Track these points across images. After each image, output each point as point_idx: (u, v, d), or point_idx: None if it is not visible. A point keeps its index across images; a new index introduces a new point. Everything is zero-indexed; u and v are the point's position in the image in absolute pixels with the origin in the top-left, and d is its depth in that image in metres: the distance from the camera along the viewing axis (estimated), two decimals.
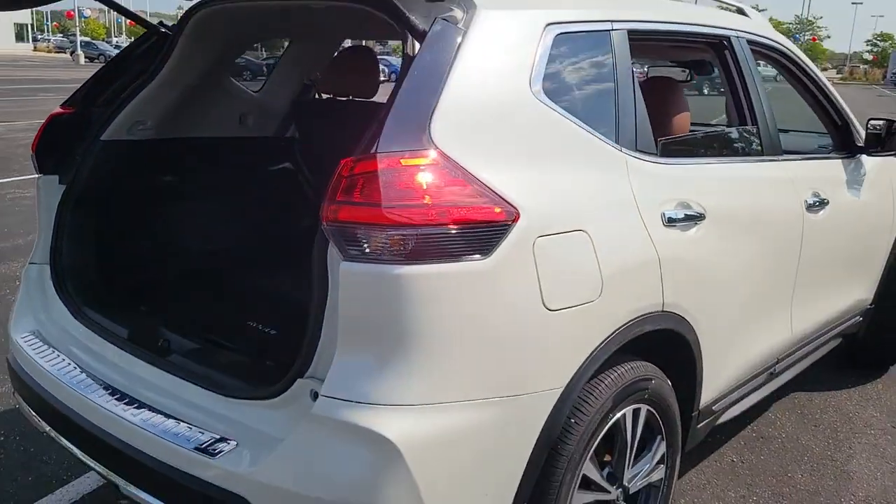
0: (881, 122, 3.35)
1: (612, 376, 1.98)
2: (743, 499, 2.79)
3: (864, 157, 3.37)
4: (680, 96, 2.86)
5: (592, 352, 1.86)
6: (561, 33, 1.99)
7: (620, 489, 2.12)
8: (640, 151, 2.14)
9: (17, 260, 5.35)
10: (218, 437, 1.72)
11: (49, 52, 62.93)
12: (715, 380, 2.44)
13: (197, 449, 1.70)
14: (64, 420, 2.01)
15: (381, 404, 1.57)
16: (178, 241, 2.66)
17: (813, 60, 3.27)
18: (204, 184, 2.73)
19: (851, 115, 3.35)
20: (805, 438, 3.26)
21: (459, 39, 1.75)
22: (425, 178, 1.59)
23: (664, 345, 2.20)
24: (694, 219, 2.22)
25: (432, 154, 1.61)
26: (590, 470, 1.98)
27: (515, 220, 1.68)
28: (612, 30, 2.17)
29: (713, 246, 2.30)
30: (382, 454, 1.55)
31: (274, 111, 3.02)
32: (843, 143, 3.36)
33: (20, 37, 66.90)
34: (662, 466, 2.28)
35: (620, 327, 1.93)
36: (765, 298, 2.67)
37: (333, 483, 1.58)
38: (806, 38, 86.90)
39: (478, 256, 1.63)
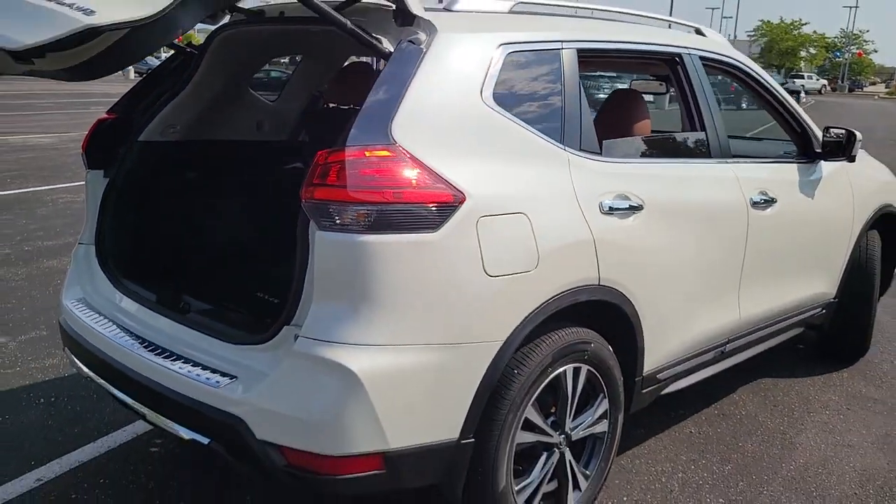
0: (842, 131, 3.70)
1: (552, 337, 2.37)
2: (693, 462, 3.14)
3: (822, 163, 3.72)
4: (641, 106, 3.26)
5: (529, 313, 2.25)
6: (513, 51, 2.41)
7: (563, 435, 2.50)
8: (584, 151, 2.53)
9: (66, 256, 5.91)
10: (222, 373, 2.16)
11: None
12: (656, 350, 2.81)
13: (206, 382, 2.14)
14: (103, 365, 2.47)
15: (347, 343, 1.99)
16: (200, 226, 3.12)
17: (859, 74, 3.61)
18: (224, 179, 3.19)
19: (810, 124, 3.69)
20: (762, 416, 3.60)
21: (420, 57, 2.18)
22: (384, 166, 2.02)
23: (605, 315, 2.58)
24: (632, 209, 2.60)
25: (391, 148, 2.03)
26: (532, 414, 2.38)
27: (462, 202, 2.10)
28: (562, 48, 2.58)
29: (652, 232, 2.68)
30: (347, 383, 1.98)
31: (287, 118, 3.48)
32: (803, 149, 3.71)
33: None
34: (605, 421, 2.66)
35: (556, 295, 2.32)
36: (709, 282, 3.03)
37: (310, 406, 2.01)
38: (852, 52, 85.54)
39: (428, 230, 2.05)
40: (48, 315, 4.54)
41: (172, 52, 3.00)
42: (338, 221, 1.99)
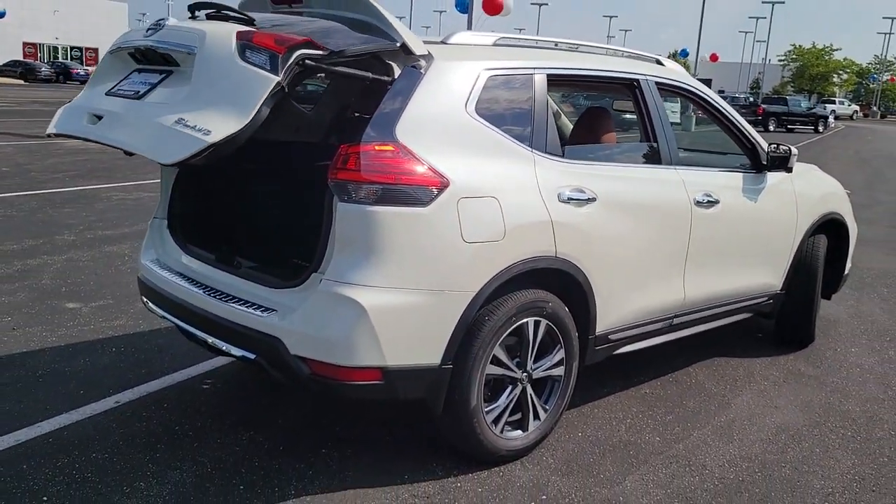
0: (785, 147, 4.41)
1: (517, 294, 3.10)
2: (642, 412, 3.83)
3: (769, 174, 4.42)
4: (607, 121, 4.01)
5: (497, 272, 2.98)
6: (493, 75, 3.16)
7: (526, 373, 3.23)
8: (548, 153, 3.27)
9: (123, 243, 6.77)
10: (265, 308, 2.93)
11: None
12: (607, 315, 3.51)
13: (254, 314, 2.90)
14: (175, 306, 3.25)
15: (358, 285, 2.74)
16: (250, 205, 3.91)
17: (892, 101, 4.30)
18: (270, 170, 3.97)
19: (758, 139, 4.39)
20: (709, 384, 4.28)
21: (420, 78, 2.94)
22: (389, 157, 2.78)
23: (563, 282, 3.30)
24: (587, 200, 3.32)
25: (395, 144, 2.79)
26: (500, 353, 3.11)
27: (446, 186, 2.85)
28: (534, 73, 3.32)
29: (603, 219, 3.39)
30: (357, 312, 2.73)
31: (320, 125, 4.25)
32: (752, 161, 4.41)
33: None
34: (562, 367, 3.37)
35: (519, 261, 3.04)
36: (654, 263, 3.73)
37: (329, 329, 2.76)
38: (885, 78, 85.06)
39: (421, 205, 2.80)
40: (113, 288, 5.38)
41: None
42: (354, 196, 2.75)
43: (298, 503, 2.88)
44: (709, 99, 4.21)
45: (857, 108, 72.08)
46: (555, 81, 3.45)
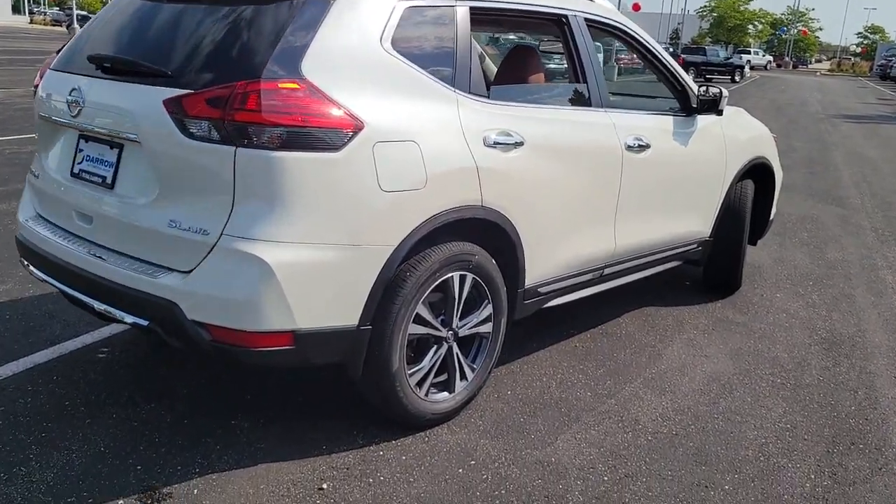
0: (716, 89, 4.26)
1: (440, 247, 2.85)
2: (572, 367, 3.69)
3: (699, 117, 4.27)
4: (536, 60, 3.76)
5: (419, 224, 2.72)
6: (412, 6, 2.86)
7: (451, 332, 3.01)
8: (472, 93, 3.00)
9: (14, 200, 6.18)
10: (159, 266, 2.59)
11: (45, 24, 63.40)
12: (536, 267, 3.32)
13: (145, 274, 2.57)
14: (58, 269, 2.87)
15: (262, 240, 2.44)
16: None
17: (804, 52, 4.14)
18: None
19: (689, 82, 4.23)
20: (639, 335, 4.17)
21: (328, 7, 2.62)
22: (294, 96, 2.46)
23: (490, 234, 3.07)
24: (514, 144, 3.08)
25: (300, 81, 2.47)
26: (423, 311, 2.87)
27: (360, 129, 2.56)
28: (456, 7, 3.03)
29: (532, 165, 3.17)
30: (261, 271, 2.43)
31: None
32: (682, 104, 4.24)
33: (16, 9, 67.23)
34: (490, 323, 3.17)
35: (442, 211, 2.79)
36: (584, 212, 3.55)
37: (231, 290, 2.46)
38: (797, 29, 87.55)
39: (332, 150, 2.50)
40: (0, 249, 4.88)
41: None
42: (254, 140, 2.43)
43: (203, 483, 2.61)
44: (640, 38, 4.00)
45: (771, 58, 74.00)
46: (478, 17, 3.17)
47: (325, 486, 2.63)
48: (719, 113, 4.25)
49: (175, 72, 2.59)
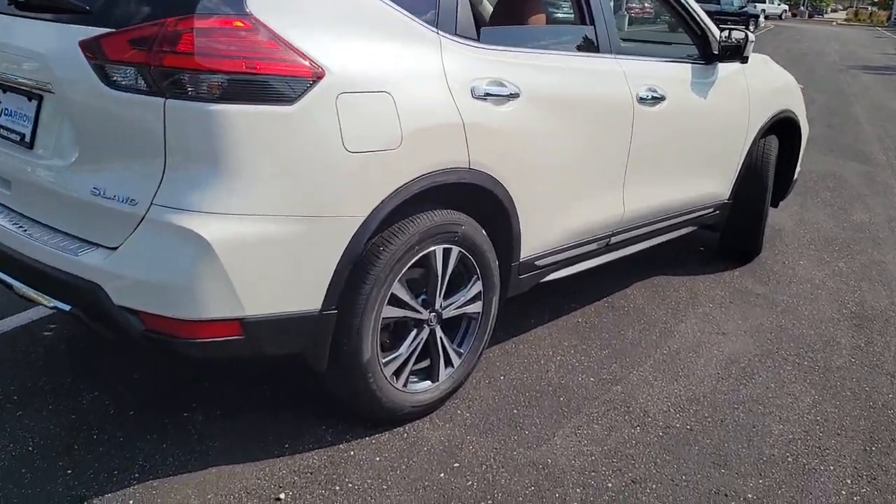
0: (740, 34, 3.78)
1: (420, 217, 2.44)
2: (574, 347, 3.30)
3: (720, 65, 3.79)
4: (537, 1, 3.27)
5: (393, 191, 2.31)
6: None
7: (434, 313, 2.61)
8: (459, 35, 2.55)
9: None
10: (83, 241, 2.19)
11: None
12: (533, 237, 2.90)
13: (66, 250, 2.17)
14: None
15: (199, 212, 2.03)
16: None
17: (820, 1, 3.64)
18: None
19: (710, 26, 3.74)
20: (649, 308, 3.76)
21: None
22: (236, 35, 2.02)
23: (479, 200, 2.65)
24: (508, 95, 2.64)
25: (244, 18, 2.03)
26: (400, 291, 2.47)
27: (320, 77, 2.12)
28: None
29: (528, 120, 2.73)
30: (199, 250, 2.02)
31: None
32: (702, 51, 3.76)
33: None
34: (479, 302, 2.77)
35: (420, 175, 2.37)
36: (590, 173, 3.11)
37: (164, 272, 2.06)
38: None
39: (284, 103, 2.07)
40: None
41: None
42: (188, 90, 2.00)
43: (140, 491, 2.25)
44: None
45: (786, 7, 72.01)
46: None
47: (282, 496, 2.26)
48: (744, 60, 3.78)
49: (97, 7, 2.15)
